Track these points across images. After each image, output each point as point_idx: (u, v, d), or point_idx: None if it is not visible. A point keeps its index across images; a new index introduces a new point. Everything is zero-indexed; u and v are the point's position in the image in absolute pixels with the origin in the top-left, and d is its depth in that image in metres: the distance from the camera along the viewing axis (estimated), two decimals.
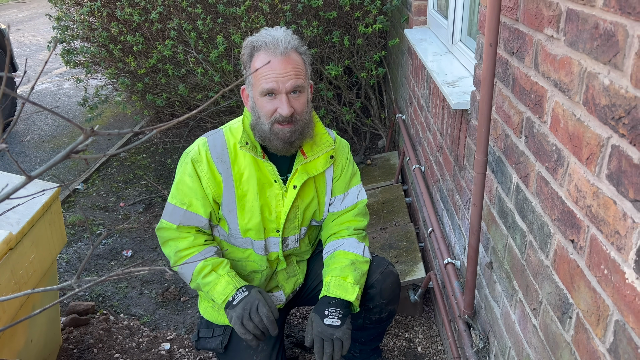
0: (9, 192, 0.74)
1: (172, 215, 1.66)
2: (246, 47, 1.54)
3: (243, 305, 1.55)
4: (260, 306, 1.54)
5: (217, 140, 1.64)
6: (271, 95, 1.49)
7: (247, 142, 1.59)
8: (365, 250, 1.77)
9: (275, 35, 1.50)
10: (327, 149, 1.68)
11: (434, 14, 2.79)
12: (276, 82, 1.47)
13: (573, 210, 0.99)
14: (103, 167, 3.95)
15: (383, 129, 3.98)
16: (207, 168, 1.61)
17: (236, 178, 1.62)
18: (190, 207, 1.64)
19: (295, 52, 1.51)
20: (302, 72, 1.51)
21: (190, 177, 1.62)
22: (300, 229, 1.74)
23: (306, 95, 1.56)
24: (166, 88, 3.64)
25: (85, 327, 2.23)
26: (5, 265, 1.53)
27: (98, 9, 3.52)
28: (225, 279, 1.61)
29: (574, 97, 0.97)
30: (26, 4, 13.04)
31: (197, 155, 1.62)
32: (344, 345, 1.58)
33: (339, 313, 1.59)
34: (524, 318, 1.27)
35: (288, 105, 1.48)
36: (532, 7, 1.17)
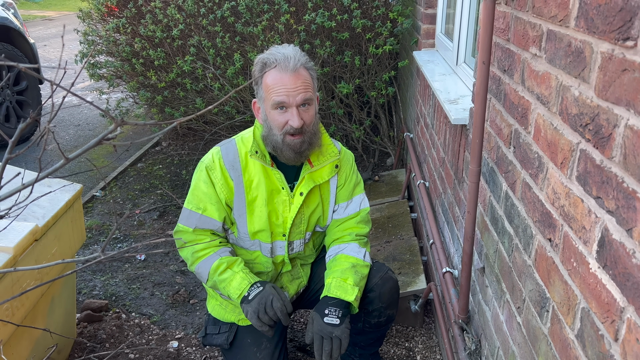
0: (49, 171, 0.86)
1: (188, 220, 1.77)
2: (257, 63, 1.66)
3: (258, 300, 1.65)
4: (275, 300, 1.64)
5: (230, 149, 1.76)
6: (282, 109, 1.61)
7: (256, 151, 1.71)
8: (366, 255, 1.86)
9: (285, 53, 1.62)
10: (332, 158, 1.79)
11: (442, 37, 2.92)
12: (287, 96, 1.59)
13: (550, 211, 1.08)
14: (121, 175, 4.10)
15: (392, 147, 4.09)
16: (220, 175, 1.73)
17: (246, 184, 1.74)
18: (205, 212, 1.75)
19: (303, 68, 1.63)
20: (310, 86, 1.64)
21: (205, 183, 1.74)
22: (305, 234, 1.84)
23: (314, 107, 1.68)
24: (184, 102, 3.81)
25: (99, 323, 2.34)
26: (30, 255, 1.65)
27: (123, 25, 3.72)
28: (240, 275, 1.71)
29: (552, 108, 1.08)
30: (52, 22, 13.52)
31: (211, 163, 1.74)
32: (342, 344, 1.66)
33: (338, 312, 1.68)
34: (510, 317, 1.35)
35: (299, 117, 1.60)
36: (520, 28, 1.29)
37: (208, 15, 3.47)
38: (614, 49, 0.81)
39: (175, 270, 2.89)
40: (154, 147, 4.74)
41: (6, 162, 0.91)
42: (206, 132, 4.09)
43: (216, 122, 3.94)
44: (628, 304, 0.77)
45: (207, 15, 3.47)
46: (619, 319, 0.80)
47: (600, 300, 0.86)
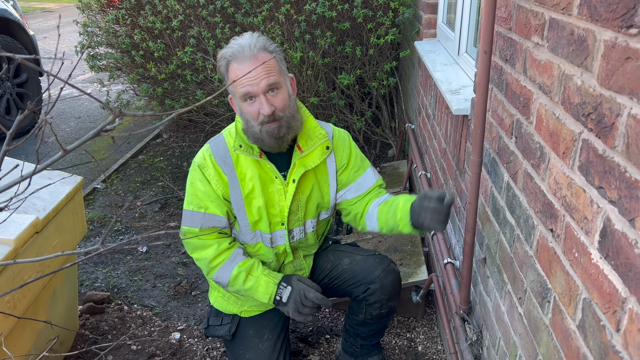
0: (47, 162, 0.85)
1: (192, 221, 1.74)
2: (220, 60, 1.63)
3: (294, 299, 1.71)
4: (307, 292, 1.72)
5: (219, 144, 1.74)
6: (251, 99, 1.58)
7: (240, 145, 1.69)
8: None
9: (241, 43, 1.59)
10: (320, 141, 1.75)
11: (443, 27, 2.89)
12: (250, 85, 1.55)
13: (552, 202, 1.07)
14: (122, 168, 4.10)
15: (393, 138, 4.08)
16: (213, 171, 1.71)
17: (240, 177, 1.72)
18: (208, 210, 1.73)
19: (263, 52, 1.58)
20: (274, 69, 1.58)
21: (200, 182, 1.72)
22: (305, 221, 1.83)
23: (285, 90, 1.63)
24: (184, 94, 3.79)
25: (101, 315, 2.34)
26: (31, 248, 1.65)
27: (123, 16, 3.70)
28: (264, 280, 1.74)
29: (554, 98, 1.07)
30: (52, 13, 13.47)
31: (202, 161, 1.72)
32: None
33: None
34: (511, 308, 1.35)
35: (268, 104, 1.56)
36: (522, 17, 1.27)
37: (208, 6, 3.44)
38: (617, 37, 0.80)
39: (177, 262, 2.89)
40: (155, 139, 4.73)
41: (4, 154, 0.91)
42: (207, 123, 4.07)
43: (217, 113, 3.93)
44: (630, 295, 0.76)
45: (206, 6, 3.45)
46: (620, 309, 0.79)
47: (602, 291, 0.85)
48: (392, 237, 2.89)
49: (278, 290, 1.73)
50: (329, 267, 1.98)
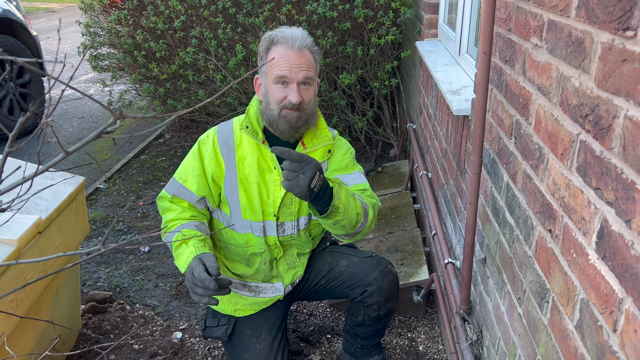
0: (49, 164, 0.86)
1: (169, 187, 1.83)
2: (265, 39, 1.69)
3: (187, 277, 1.58)
4: (195, 271, 1.52)
5: (226, 126, 1.81)
6: (283, 84, 1.64)
7: (247, 127, 1.73)
8: (365, 204, 1.72)
9: (293, 32, 1.66)
10: (325, 142, 1.79)
11: (444, 27, 2.90)
12: (289, 71, 1.62)
13: (550, 202, 1.08)
14: (124, 168, 4.11)
15: (395, 138, 4.08)
16: (211, 148, 1.76)
17: (239, 161, 1.76)
18: (185, 183, 1.79)
19: (308, 49, 1.67)
20: (312, 67, 1.68)
21: (193, 155, 1.79)
22: (299, 217, 1.83)
23: (314, 88, 1.71)
24: (186, 94, 3.80)
25: (103, 315, 2.36)
26: (34, 248, 1.66)
27: (125, 17, 3.71)
28: (190, 250, 1.64)
29: (552, 99, 1.07)
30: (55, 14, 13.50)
31: (205, 138, 1.80)
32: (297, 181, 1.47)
33: (320, 179, 1.52)
34: (511, 308, 1.35)
35: (298, 93, 1.63)
36: (521, 18, 1.27)
37: (209, 7, 3.45)
38: (614, 39, 0.81)
39: None
40: (157, 139, 4.74)
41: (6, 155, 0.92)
42: (209, 123, 4.09)
43: (219, 113, 3.94)
44: (626, 295, 0.77)
45: (208, 6, 3.45)
46: (617, 310, 0.80)
47: (599, 291, 0.86)
48: (393, 236, 2.89)
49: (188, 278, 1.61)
50: (326, 268, 1.98)
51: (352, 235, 1.73)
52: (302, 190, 1.46)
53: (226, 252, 1.91)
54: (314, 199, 1.52)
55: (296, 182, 1.45)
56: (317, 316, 2.56)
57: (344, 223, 1.61)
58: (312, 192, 1.48)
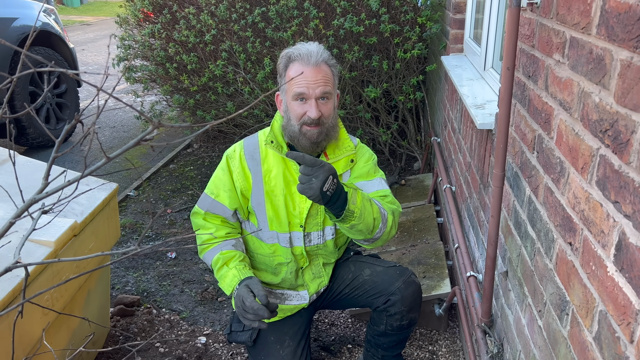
0: (92, 169, 0.92)
1: (202, 202, 1.88)
2: (283, 57, 1.75)
3: (236, 305, 1.67)
4: (245, 299, 1.60)
5: (252, 140, 1.86)
6: (302, 100, 1.68)
7: (272, 141, 1.78)
8: (384, 209, 1.74)
9: (309, 49, 1.70)
10: (348, 152, 1.83)
11: (470, 42, 2.92)
12: (307, 87, 1.66)
13: (571, 216, 1.09)
14: (153, 176, 4.22)
15: (419, 151, 4.10)
16: (238, 163, 1.82)
17: (265, 174, 1.81)
18: (218, 197, 1.84)
19: (325, 64, 1.70)
20: (330, 81, 1.71)
21: (222, 170, 1.85)
22: (325, 227, 1.88)
23: (333, 102, 1.74)
24: (215, 105, 3.91)
25: (131, 318, 2.43)
26: (69, 250, 1.74)
27: (158, 30, 3.85)
28: (232, 273, 1.76)
29: (574, 114, 1.09)
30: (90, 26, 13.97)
31: (232, 152, 1.85)
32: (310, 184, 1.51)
33: (333, 183, 1.55)
34: (531, 321, 1.36)
35: (317, 109, 1.66)
36: (544, 35, 1.30)
37: (239, 21, 3.55)
38: (632, 57, 0.83)
39: (204, 269, 2.97)
40: (185, 148, 4.86)
41: (53, 160, 0.99)
42: (236, 134, 4.18)
43: (246, 125, 4.02)
44: None
45: (238, 21, 3.56)
46: (634, 321, 0.81)
47: (617, 303, 0.87)
48: (415, 249, 2.90)
49: (237, 287, 1.70)
50: (350, 277, 2.01)
51: (372, 241, 1.75)
52: (314, 193, 1.50)
53: (253, 261, 1.96)
54: (328, 203, 1.56)
55: (308, 185, 1.50)
56: (339, 326, 2.58)
57: (360, 227, 1.65)
58: (324, 195, 1.52)
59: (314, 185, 1.50)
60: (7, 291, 1.40)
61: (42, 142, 4.83)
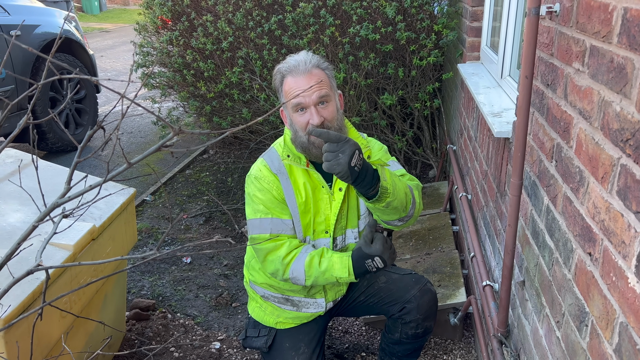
0: (113, 174, 0.94)
1: (261, 227, 1.80)
2: (276, 74, 1.75)
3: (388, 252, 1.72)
4: (384, 254, 1.72)
5: (272, 156, 1.84)
6: (302, 110, 1.68)
7: (288, 155, 1.78)
8: (409, 185, 1.76)
9: (297, 59, 1.70)
10: (363, 150, 1.81)
11: (487, 50, 2.91)
12: (303, 97, 1.65)
13: (590, 226, 1.08)
14: (170, 181, 4.26)
15: (434, 159, 4.08)
16: (272, 179, 1.79)
17: (295, 186, 1.80)
18: (274, 215, 1.79)
19: (316, 68, 1.69)
20: (325, 83, 1.69)
21: (260, 191, 1.80)
22: (346, 230, 1.88)
23: (334, 104, 1.71)
24: (231, 112, 3.94)
25: (146, 322, 2.45)
26: (88, 253, 1.76)
27: (176, 38, 3.90)
28: (337, 256, 1.75)
29: (594, 123, 1.08)
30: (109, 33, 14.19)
31: (259, 173, 1.81)
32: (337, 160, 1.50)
33: (360, 159, 1.54)
34: (549, 331, 1.34)
35: (317, 115, 1.65)
36: (563, 43, 1.29)
37: (256, 29, 3.58)
38: None
39: (219, 274, 2.98)
40: (201, 154, 4.90)
41: (75, 165, 1.01)
42: (251, 141, 4.20)
43: (261, 131, 4.05)
44: None
45: (255, 29, 3.59)
46: None
47: (638, 315, 0.86)
48: (430, 257, 2.88)
49: (371, 264, 1.73)
50: (365, 284, 2.01)
51: (406, 219, 1.74)
52: (342, 169, 1.48)
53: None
54: (356, 180, 1.53)
55: (336, 161, 1.48)
56: (352, 334, 2.57)
57: (395, 204, 1.63)
58: (352, 170, 1.49)
59: (341, 160, 1.47)
60: (27, 293, 1.43)
61: (61, 147, 4.91)
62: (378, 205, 1.62)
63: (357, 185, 1.57)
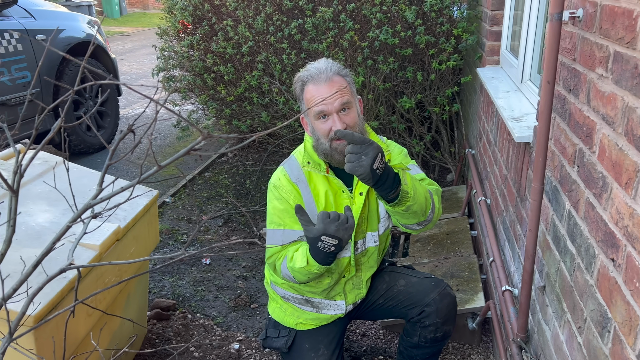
0: (145, 176, 0.97)
1: (273, 238, 1.84)
2: (297, 82, 1.77)
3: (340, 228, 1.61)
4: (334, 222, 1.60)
5: (292, 164, 1.86)
6: (324, 118, 1.69)
7: (309, 162, 1.80)
8: (430, 192, 1.75)
9: (317, 67, 1.72)
10: None
11: (507, 54, 2.90)
12: (325, 104, 1.67)
13: (613, 231, 1.08)
14: (189, 183, 4.32)
15: (452, 163, 4.07)
16: (290, 188, 1.81)
17: (314, 193, 1.82)
18: (286, 226, 1.82)
19: (337, 75, 1.71)
20: (346, 90, 1.70)
21: (278, 200, 1.82)
22: (366, 234, 1.89)
23: (355, 109, 1.73)
24: (250, 115, 3.98)
25: (167, 322, 2.49)
26: (113, 253, 1.80)
27: (197, 42, 3.95)
28: (302, 248, 1.73)
29: (617, 129, 1.08)
30: (129, 37, 14.40)
31: (278, 182, 1.84)
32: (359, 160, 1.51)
33: (384, 163, 1.55)
34: (570, 337, 1.34)
35: (340, 122, 1.67)
36: (586, 49, 1.29)
37: (276, 33, 3.62)
38: None
39: (237, 276, 3.02)
40: (220, 157, 4.95)
41: (107, 168, 1.04)
42: (269, 144, 4.24)
43: (279, 134, 4.08)
44: None
45: (275, 33, 3.63)
46: None
47: None
48: (449, 262, 2.88)
49: (322, 246, 1.62)
50: (384, 287, 2.02)
51: (424, 224, 1.74)
52: (364, 171, 1.49)
53: None
54: (377, 182, 1.54)
55: (358, 163, 1.49)
56: (370, 337, 2.58)
57: (415, 209, 1.63)
58: (374, 173, 1.50)
59: (364, 162, 1.48)
60: (56, 292, 1.47)
61: (84, 149, 5.00)
62: (398, 208, 1.63)
63: (378, 188, 1.59)
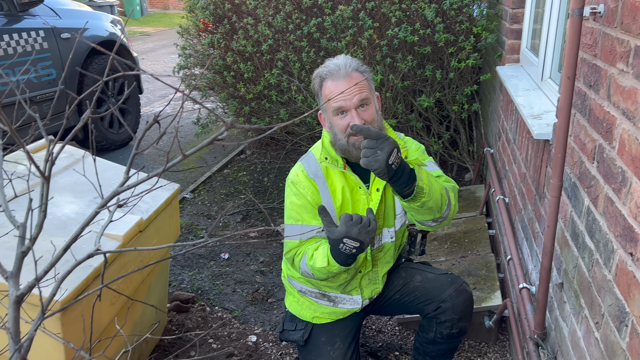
0: (171, 164, 1.00)
1: (291, 233, 1.85)
2: (315, 78, 1.78)
3: (364, 232, 1.62)
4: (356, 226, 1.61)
5: (310, 160, 1.88)
6: (343, 113, 1.70)
7: (326, 158, 1.82)
8: (446, 188, 1.75)
9: (337, 63, 1.74)
10: (401, 150, 1.83)
11: (527, 52, 2.89)
12: (344, 100, 1.68)
13: (632, 225, 1.08)
14: (209, 180, 4.38)
15: (471, 162, 4.06)
16: (308, 184, 1.83)
17: (332, 189, 1.84)
18: (304, 221, 1.83)
19: (355, 71, 1.72)
20: (365, 86, 1.71)
21: (295, 196, 1.85)
22: (382, 230, 1.90)
23: (373, 106, 1.73)
24: (269, 113, 4.02)
25: (186, 314, 2.53)
26: (135, 244, 1.85)
27: (217, 40, 4.01)
28: (323, 247, 1.74)
29: (637, 124, 1.08)
30: (150, 37, 14.59)
31: (296, 177, 1.86)
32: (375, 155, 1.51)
33: (399, 159, 1.55)
34: (588, 333, 1.34)
35: (359, 117, 1.68)
36: (607, 44, 1.29)
37: (295, 31, 3.65)
38: None
39: (255, 270, 3.05)
40: (238, 154, 5.01)
41: (133, 156, 1.08)
42: (287, 141, 4.27)
43: (297, 132, 4.11)
44: None
45: (294, 31, 3.66)
46: None
47: None
48: (466, 261, 2.88)
49: (344, 248, 1.63)
50: (401, 283, 2.03)
51: (440, 220, 1.74)
52: (379, 165, 1.49)
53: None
54: (392, 177, 1.54)
55: (374, 157, 1.49)
56: (386, 333, 2.59)
57: (430, 205, 1.63)
58: (389, 168, 1.50)
59: (379, 157, 1.49)
60: (82, 279, 1.52)
61: (105, 146, 5.10)
62: (413, 204, 1.64)
63: (393, 184, 1.59)
